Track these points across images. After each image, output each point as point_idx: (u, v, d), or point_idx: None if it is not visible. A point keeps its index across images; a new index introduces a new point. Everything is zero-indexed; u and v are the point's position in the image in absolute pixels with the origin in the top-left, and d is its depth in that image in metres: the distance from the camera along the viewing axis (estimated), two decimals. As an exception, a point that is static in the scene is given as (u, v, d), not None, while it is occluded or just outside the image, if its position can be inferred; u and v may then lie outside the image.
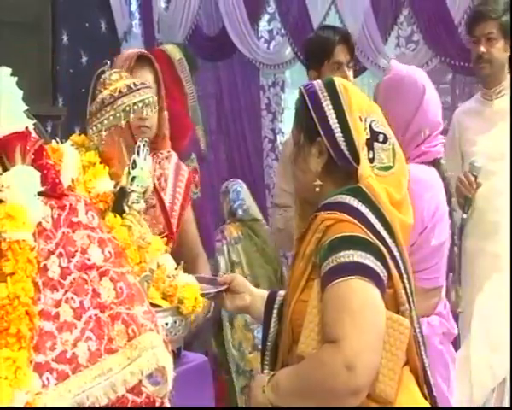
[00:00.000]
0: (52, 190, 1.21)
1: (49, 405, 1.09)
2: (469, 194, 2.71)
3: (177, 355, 1.57)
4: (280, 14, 4.61)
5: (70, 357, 1.14)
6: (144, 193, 1.66)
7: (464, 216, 2.76)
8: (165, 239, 1.79)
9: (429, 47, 4.26)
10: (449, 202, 2.21)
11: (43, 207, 1.18)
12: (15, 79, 1.19)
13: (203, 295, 1.68)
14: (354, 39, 3.24)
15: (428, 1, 4.22)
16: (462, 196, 2.73)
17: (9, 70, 1.19)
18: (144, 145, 1.65)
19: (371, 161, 1.54)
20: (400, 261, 1.50)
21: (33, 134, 1.21)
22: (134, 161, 1.64)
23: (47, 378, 1.11)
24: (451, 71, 4.38)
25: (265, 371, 1.60)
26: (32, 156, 1.19)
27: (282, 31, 4.61)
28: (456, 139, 3.13)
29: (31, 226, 1.13)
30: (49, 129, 3.90)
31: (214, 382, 2.01)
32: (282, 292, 1.72)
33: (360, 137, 1.54)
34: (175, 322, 1.58)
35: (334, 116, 1.55)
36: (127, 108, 1.63)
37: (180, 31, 4.81)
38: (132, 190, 1.64)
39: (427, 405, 1.52)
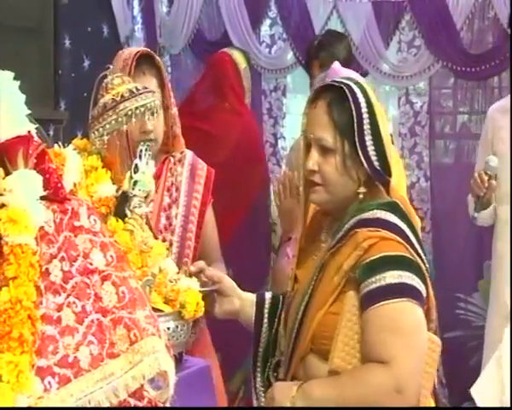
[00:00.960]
0: (54, 195, 1.21)
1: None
2: (480, 192, 2.72)
3: (178, 360, 1.57)
4: (282, 18, 4.62)
5: (72, 361, 1.13)
6: (146, 197, 1.66)
7: (475, 215, 2.77)
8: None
9: (431, 52, 4.26)
10: None
11: (45, 211, 1.18)
12: (18, 83, 1.20)
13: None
14: (356, 44, 3.24)
15: (430, 6, 4.23)
16: (474, 195, 2.75)
17: (12, 74, 1.19)
18: (146, 149, 1.65)
19: None
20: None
21: (36, 138, 1.21)
22: (136, 165, 1.64)
23: (49, 382, 1.10)
24: (453, 76, 4.38)
25: (258, 379, 1.59)
26: (35, 160, 1.19)
27: (284, 35, 4.61)
28: (488, 138, 3.12)
29: (33, 230, 1.13)
30: (51, 133, 3.90)
31: None
32: (268, 294, 1.71)
33: (390, 148, 1.54)
34: (177, 327, 1.58)
35: (368, 127, 1.51)
36: (129, 113, 1.63)
37: (182, 35, 4.81)
38: (134, 195, 1.64)
39: None
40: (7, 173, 1.15)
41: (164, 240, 1.89)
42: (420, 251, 1.49)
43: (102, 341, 1.17)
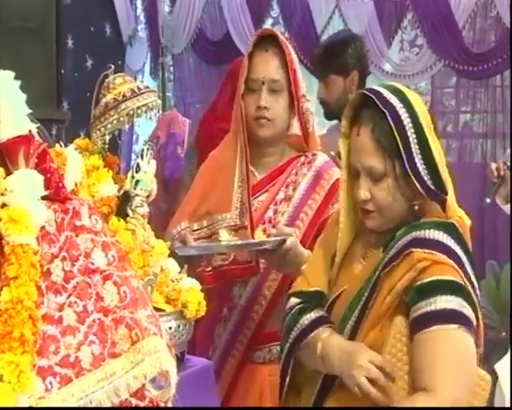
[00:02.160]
0: (55, 194, 1.21)
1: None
2: (493, 179, 2.75)
3: (180, 359, 1.57)
4: (284, 18, 4.63)
5: (73, 361, 1.13)
6: (148, 197, 1.66)
7: (487, 201, 2.80)
8: None
9: (433, 51, 4.26)
10: None
11: (46, 210, 1.17)
12: (18, 82, 1.19)
13: (261, 246, 1.66)
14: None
15: (432, 5, 4.22)
16: (491, 183, 2.81)
17: (12, 74, 1.19)
18: (148, 149, 1.64)
19: None
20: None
21: (37, 138, 1.21)
22: (138, 164, 1.64)
23: (50, 382, 1.10)
24: (455, 75, 4.37)
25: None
26: (36, 160, 1.18)
27: (286, 35, 4.61)
28: None
29: (34, 230, 1.13)
30: (53, 133, 3.91)
31: None
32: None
33: (443, 163, 1.47)
34: (178, 326, 1.57)
35: (416, 145, 1.44)
36: (131, 112, 1.63)
37: (184, 35, 4.82)
38: (136, 194, 1.63)
39: None
40: (8, 173, 1.14)
41: (264, 231, 1.85)
42: (472, 278, 1.45)
43: (104, 340, 1.17)
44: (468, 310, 1.39)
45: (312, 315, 1.53)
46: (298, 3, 4.51)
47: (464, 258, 1.44)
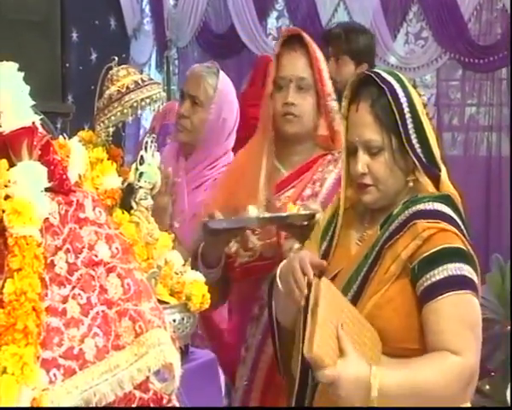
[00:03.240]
0: (59, 186, 1.20)
1: (55, 401, 1.08)
2: None
3: (184, 352, 1.57)
4: (288, 10, 4.62)
5: (77, 353, 1.13)
6: (152, 189, 1.65)
7: None
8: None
9: (439, 43, 4.24)
10: None
11: (50, 202, 1.17)
12: (22, 74, 1.19)
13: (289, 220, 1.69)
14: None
15: (438, -4, 4.20)
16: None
17: (16, 65, 1.18)
18: (152, 141, 1.64)
19: None
20: None
21: (40, 129, 1.20)
22: (142, 156, 1.63)
23: (54, 374, 1.10)
24: (461, 67, 4.35)
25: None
26: (39, 152, 1.18)
27: (291, 27, 4.60)
28: None
29: (38, 222, 1.12)
30: (58, 126, 3.91)
31: None
32: None
33: (435, 142, 1.54)
34: (182, 319, 1.57)
35: (412, 123, 1.51)
36: (135, 104, 1.63)
37: (189, 28, 4.81)
38: (140, 187, 1.63)
39: None
40: (11, 165, 1.14)
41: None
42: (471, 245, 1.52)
43: (108, 333, 1.16)
44: (474, 276, 1.47)
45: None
46: (302, -4, 4.50)
47: (462, 227, 1.51)
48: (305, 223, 1.74)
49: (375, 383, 1.37)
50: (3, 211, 1.09)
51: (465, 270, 1.46)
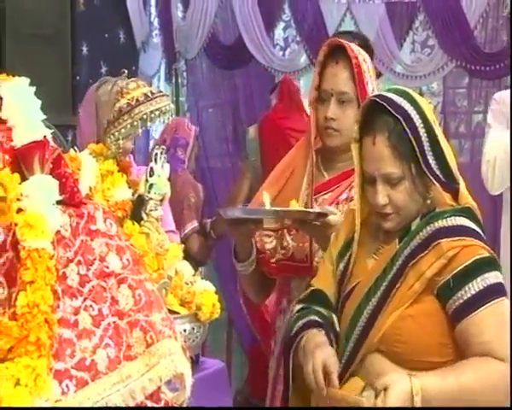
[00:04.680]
0: (70, 199, 1.21)
1: (68, 412, 1.09)
2: None
3: (195, 362, 1.57)
4: (295, 21, 4.61)
5: (89, 364, 1.13)
6: (161, 200, 1.66)
7: None
8: None
9: (445, 51, 4.22)
10: None
11: (61, 215, 1.17)
12: (33, 88, 1.19)
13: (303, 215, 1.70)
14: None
15: (444, 5, 4.19)
16: None
17: (27, 80, 1.19)
18: (161, 153, 1.65)
19: None
20: None
21: (52, 143, 1.21)
22: (151, 168, 1.64)
23: (66, 386, 1.10)
24: (468, 75, 4.33)
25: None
26: (51, 165, 1.18)
27: (298, 38, 4.60)
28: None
29: (49, 235, 1.13)
30: (69, 138, 3.92)
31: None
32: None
33: (451, 156, 1.54)
34: (193, 329, 1.57)
35: (429, 146, 1.50)
36: (144, 117, 1.64)
37: (197, 40, 4.81)
38: (150, 198, 1.64)
39: None
40: (23, 179, 1.15)
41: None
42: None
43: (119, 343, 1.17)
44: (503, 281, 1.49)
45: (301, 323, 1.59)
46: (309, 7, 4.49)
47: (484, 237, 1.52)
48: (316, 222, 1.76)
49: (417, 399, 1.39)
50: (16, 224, 1.10)
51: (498, 277, 1.48)
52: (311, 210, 1.80)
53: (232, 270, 2.03)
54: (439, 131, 1.54)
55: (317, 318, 1.59)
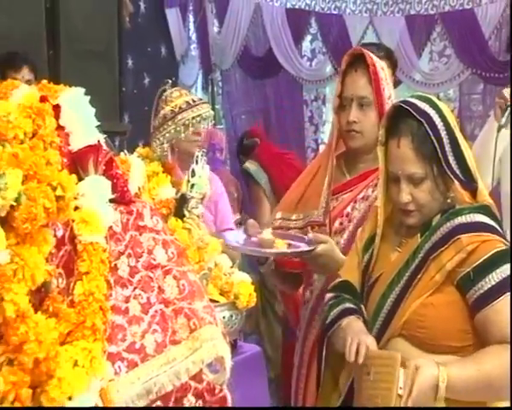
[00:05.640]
0: (121, 198, 1.21)
1: (120, 390, 1.09)
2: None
3: (233, 346, 1.56)
4: (321, 34, 4.59)
5: (139, 348, 1.13)
6: (202, 199, 1.66)
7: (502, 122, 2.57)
8: None
9: (461, 60, 4.17)
10: None
11: (113, 212, 1.18)
12: (88, 98, 1.20)
13: (292, 253, 1.68)
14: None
15: (460, 18, 4.14)
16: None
17: (83, 90, 1.20)
18: (202, 155, 1.65)
19: None
20: None
21: (104, 147, 1.22)
22: (193, 169, 1.64)
23: (119, 367, 1.10)
24: (483, 82, 4.27)
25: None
26: (104, 167, 1.19)
27: (324, 49, 4.59)
28: None
29: (103, 230, 1.14)
30: (116, 143, 3.96)
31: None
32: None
33: (470, 156, 1.52)
34: (231, 316, 1.57)
35: (450, 148, 1.49)
36: (186, 122, 1.64)
37: (231, 52, 4.83)
38: (192, 197, 1.64)
39: None
40: (79, 179, 1.15)
41: (341, 223, 1.91)
42: None
43: (165, 329, 1.17)
44: None
45: (336, 311, 1.58)
46: (334, 20, 4.47)
47: (501, 232, 1.51)
48: (306, 255, 1.76)
49: (442, 385, 1.38)
50: (73, 221, 1.11)
51: None
52: (299, 250, 1.77)
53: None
54: (459, 133, 1.53)
55: (351, 305, 1.58)
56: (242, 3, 4.78)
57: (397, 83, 4.02)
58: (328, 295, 1.65)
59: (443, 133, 1.49)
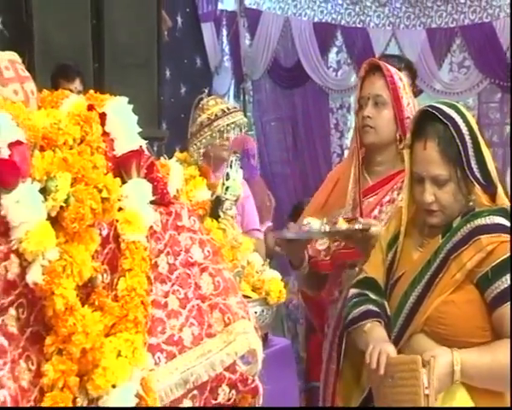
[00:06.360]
0: (161, 199, 1.21)
1: (160, 380, 1.09)
2: None
3: (264, 339, 1.55)
4: (346, 46, 4.56)
5: (177, 340, 1.13)
6: (236, 201, 1.65)
7: None
8: None
9: (480, 71, 4.10)
10: None
11: (154, 213, 1.18)
12: (131, 106, 1.21)
13: (348, 230, 1.67)
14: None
15: (479, 30, 4.07)
16: None
17: (126, 99, 1.20)
18: (236, 160, 1.64)
19: None
20: None
21: (146, 152, 1.22)
22: (228, 173, 1.64)
23: (158, 358, 1.10)
24: (500, 91, 4.19)
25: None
26: (145, 171, 1.19)
27: (348, 61, 4.56)
28: None
29: (144, 229, 1.13)
30: (155, 149, 3.98)
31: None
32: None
33: (491, 161, 1.49)
34: (263, 311, 1.56)
35: (473, 152, 1.46)
36: (222, 129, 1.63)
37: (261, 63, 4.83)
38: (226, 199, 1.63)
39: None
40: (123, 182, 1.16)
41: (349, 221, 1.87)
42: None
43: (202, 323, 1.16)
44: None
45: (358, 310, 1.55)
46: (359, 33, 4.43)
47: None
48: (359, 235, 1.72)
49: (457, 368, 1.38)
50: (117, 220, 1.11)
51: None
52: (356, 227, 1.73)
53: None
54: (481, 138, 1.49)
55: (374, 307, 1.55)
56: (272, 18, 4.77)
57: (418, 92, 3.96)
58: (352, 291, 1.63)
59: (467, 137, 1.46)
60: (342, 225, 1.73)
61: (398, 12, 4.35)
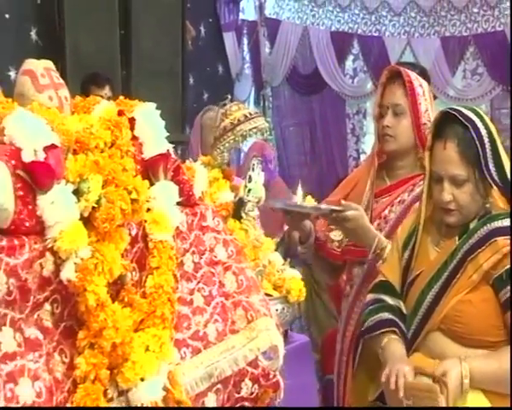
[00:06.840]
0: (187, 201, 1.21)
1: (186, 374, 1.09)
2: None
3: (285, 336, 1.54)
4: (363, 54, 4.54)
5: (202, 335, 1.13)
6: (258, 202, 1.64)
7: None
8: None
9: (492, 78, 4.05)
10: None
11: (180, 214, 1.18)
12: (158, 111, 1.21)
13: (324, 209, 1.65)
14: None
15: (491, 39, 4.02)
16: None
17: (154, 105, 1.21)
18: (258, 163, 1.63)
19: None
20: None
21: (173, 155, 1.22)
22: (250, 176, 1.63)
23: (184, 352, 1.10)
24: (512, 97, 4.12)
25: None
26: (172, 173, 1.19)
27: (365, 68, 4.53)
28: None
29: (171, 230, 1.14)
30: (179, 152, 4.00)
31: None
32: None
33: (508, 164, 1.46)
34: (283, 309, 1.55)
35: (491, 155, 1.43)
36: (244, 134, 1.63)
37: (281, 71, 4.82)
38: (248, 200, 1.63)
39: None
40: (151, 184, 1.16)
41: (378, 224, 1.86)
42: None
43: (225, 319, 1.16)
44: None
45: (373, 318, 1.53)
46: (375, 42, 4.40)
47: None
48: (333, 215, 1.69)
49: (466, 382, 1.36)
50: (145, 221, 1.11)
51: None
52: (322, 206, 1.72)
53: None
54: (499, 142, 1.46)
55: (389, 315, 1.52)
56: (291, 27, 4.76)
57: (433, 98, 3.91)
58: (370, 297, 1.59)
59: (486, 140, 1.43)
60: (322, 204, 1.71)
61: (412, 21, 4.31)
